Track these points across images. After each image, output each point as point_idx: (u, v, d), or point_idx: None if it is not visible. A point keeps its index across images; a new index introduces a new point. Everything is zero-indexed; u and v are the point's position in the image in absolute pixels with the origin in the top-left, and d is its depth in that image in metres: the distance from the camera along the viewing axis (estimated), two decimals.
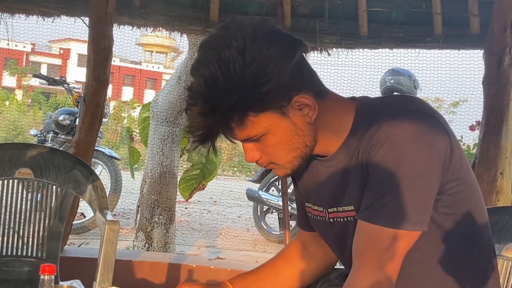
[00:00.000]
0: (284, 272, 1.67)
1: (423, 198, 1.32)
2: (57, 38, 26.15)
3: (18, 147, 2.69)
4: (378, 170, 1.32)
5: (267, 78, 1.28)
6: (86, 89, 3.62)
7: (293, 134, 1.36)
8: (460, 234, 1.40)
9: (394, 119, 1.33)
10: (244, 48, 1.28)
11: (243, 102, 1.29)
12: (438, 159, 1.31)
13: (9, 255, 2.60)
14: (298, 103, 1.33)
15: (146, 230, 5.13)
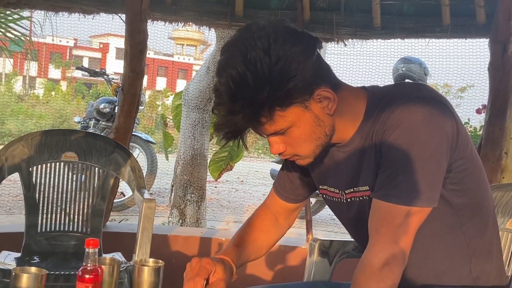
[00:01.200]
0: (261, 242, 1.68)
1: (433, 177, 1.31)
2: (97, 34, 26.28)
3: (64, 133, 2.72)
4: (391, 152, 1.32)
5: (292, 74, 1.27)
6: (123, 80, 3.64)
7: (315, 125, 1.36)
8: (466, 208, 1.40)
9: (405, 105, 1.33)
10: (269, 48, 1.27)
11: (271, 98, 1.28)
12: (446, 141, 1.31)
13: (57, 231, 2.65)
14: (319, 96, 1.33)
15: (179, 207, 5.17)
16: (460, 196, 1.38)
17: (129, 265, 2.30)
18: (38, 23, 5.53)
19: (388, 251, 1.32)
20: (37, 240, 2.59)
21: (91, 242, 1.58)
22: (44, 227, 2.63)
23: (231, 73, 1.28)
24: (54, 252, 2.59)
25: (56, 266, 2.33)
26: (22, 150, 2.57)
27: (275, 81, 1.27)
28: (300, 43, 1.32)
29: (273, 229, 1.70)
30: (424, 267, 1.43)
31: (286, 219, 1.70)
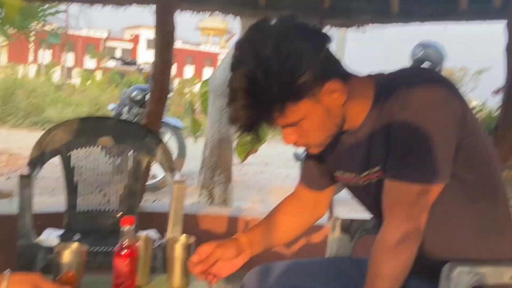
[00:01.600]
0: (285, 225, 1.66)
1: (442, 155, 1.31)
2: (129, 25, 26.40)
3: (100, 120, 2.76)
4: (401, 134, 1.32)
5: (302, 71, 1.27)
6: (153, 69, 3.65)
7: (326, 117, 1.36)
8: (477, 184, 1.39)
9: (411, 88, 1.32)
10: (279, 46, 1.26)
11: (283, 94, 1.28)
12: (453, 120, 1.31)
13: (96, 210, 2.68)
14: (329, 89, 1.32)
15: (208, 188, 5.20)
16: (470, 173, 1.37)
17: (162, 241, 2.33)
18: (74, 16, 5.57)
19: (402, 229, 1.33)
20: (77, 219, 2.64)
21: (127, 221, 1.60)
22: (84, 206, 2.66)
23: (243, 71, 1.28)
24: (94, 230, 2.62)
25: (96, 243, 2.36)
26: (61, 136, 2.61)
27: (285, 78, 1.26)
28: (310, 39, 1.31)
29: (299, 216, 1.68)
30: (439, 242, 1.41)
31: (315, 208, 1.68)
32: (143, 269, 1.67)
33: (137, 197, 2.77)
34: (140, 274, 1.65)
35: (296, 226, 1.68)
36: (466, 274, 1.30)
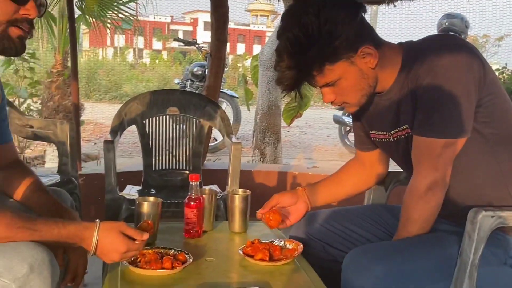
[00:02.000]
0: (347, 181, 1.67)
1: (464, 112, 1.28)
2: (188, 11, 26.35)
3: (167, 93, 2.79)
4: (426, 94, 1.30)
5: (338, 34, 1.26)
6: (211, 47, 3.66)
7: (360, 77, 1.34)
8: (497, 137, 1.35)
9: (435, 53, 1.29)
10: (318, 13, 1.25)
11: (321, 55, 1.28)
12: (474, 80, 1.27)
13: (167, 169, 2.73)
14: (363, 53, 1.31)
15: (260, 148, 5.23)
16: (491, 127, 1.33)
17: (223, 194, 2.36)
18: (142, 5, 5.61)
19: (430, 177, 1.32)
20: (152, 177, 2.69)
21: (194, 177, 1.63)
22: (157, 166, 2.71)
23: (288, 35, 1.28)
24: (166, 185, 2.67)
25: (168, 196, 2.40)
26: (136, 107, 2.65)
27: (324, 40, 1.26)
28: (345, 8, 1.29)
29: (356, 172, 1.67)
30: (464, 190, 1.39)
31: (372, 167, 1.65)
32: (208, 217, 1.70)
33: (201, 157, 2.80)
34: (205, 221, 1.68)
35: (355, 183, 1.67)
36: (489, 218, 1.27)
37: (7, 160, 1.49)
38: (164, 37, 27.27)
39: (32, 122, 2.49)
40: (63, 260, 1.30)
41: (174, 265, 1.32)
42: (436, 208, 1.35)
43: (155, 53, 22.39)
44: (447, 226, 1.44)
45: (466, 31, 4.77)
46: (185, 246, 1.53)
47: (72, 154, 2.45)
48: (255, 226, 1.76)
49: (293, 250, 1.47)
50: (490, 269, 1.33)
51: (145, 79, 14.06)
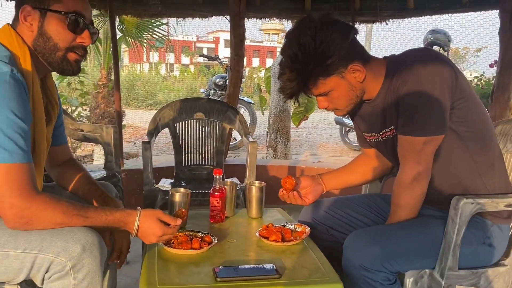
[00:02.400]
0: (356, 170, 1.66)
1: (439, 113, 1.27)
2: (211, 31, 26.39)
3: (194, 100, 2.79)
4: (405, 100, 1.29)
5: (330, 54, 1.26)
6: (230, 61, 3.66)
7: (349, 89, 1.34)
8: (469, 134, 1.34)
9: (411, 64, 1.29)
10: (315, 35, 1.26)
11: (315, 70, 1.28)
12: (447, 85, 1.27)
13: (195, 164, 2.74)
14: (352, 69, 1.31)
15: (273, 146, 5.22)
16: (464, 126, 1.33)
17: (242, 185, 2.37)
18: (172, 27, 5.64)
19: (414, 169, 1.31)
20: (182, 171, 2.70)
21: (217, 171, 1.63)
22: (186, 162, 2.72)
23: (289, 52, 1.29)
24: (194, 178, 2.68)
25: (196, 188, 2.42)
26: (169, 113, 2.67)
27: (318, 58, 1.26)
28: (339, 30, 1.29)
29: (366, 163, 1.65)
30: (444, 180, 1.38)
31: (379, 161, 1.63)
32: (230, 205, 1.70)
33: (223, 154, 2.80)
34: (228, 209, 1.68)
35: (364, 171, 1.65)
36: (470, 204, 1.26)
37: (63, 159, 1.51)
38: (191, 53, 27.36)
39: (82, 127, 2.52)
40: (109, 241, 1.32)
41: (201, 245, 1.33)
42: (421, 195, 1.34)
43: (183, 67, 22.46)
44: (430, 211, 1.42)
45: (448, 45, 4.71)
46: (211, 230, 1.54)
47: (116, 153, 2.47)
48: (269, 213, 1.76)
49: (301, 233, 1.47)
50: (471, 248, 1.32)
51: (175, 89, 14.11)
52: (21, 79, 1.12)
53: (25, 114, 1.10)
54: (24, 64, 1.19)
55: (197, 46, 31.56)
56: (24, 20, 1.22)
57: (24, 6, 1.22)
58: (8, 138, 1.06)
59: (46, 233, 1.11)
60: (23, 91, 1.12)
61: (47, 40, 1.23)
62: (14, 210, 1.08)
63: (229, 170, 2.85)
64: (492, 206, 1.28)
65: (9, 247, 1.10)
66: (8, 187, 1.07)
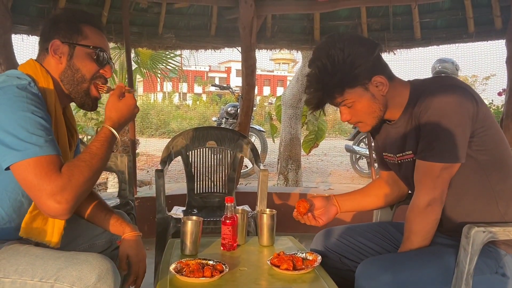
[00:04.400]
0: (370, 194, 1.64)
1: (459, 141, 1.27)
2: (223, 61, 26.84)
3: (206, 129, 2.82)
4: (426, 126, 1.30)
5: (357, 65, 1.30)
6: (242, 91, 3.71)
7: (372, 102, 1.36)
8: (489, 162, 1.33)
9: (435, 92, 1.30)
10: (344, 47, 1.30)
11: (342, 81, 1.32)
12: (467, 114, 1.27)
13: (207, 192, 2.74)
14: (375, 82, 1.33)
15: (284, 174, 5.20)
16: (483, 154, 1.32)
17: (253, 213, 2.35)
18: (186, 58, 5.77)
19: (429, 195, 1.30)
20: (194, 199, 2.70)
21: (229, 199, 1.64)
22: (198, 190, 2.72)
23: (317, 63, 1.33)
24: (206, 206, 2.68)
25: (208, 215, 2.42)
26: (181, 141, 2.69)
27: (346, 69, 1.30)
28: (365, 45, 1.33)
29: (381, 188, 1.64)
30: (458, 208, 1.36)
31: (395, 185, 1.61)
32: (241, 233, 1.69)
33: (235, 182, 2.80)
34: (239, 236, 1.67)
35: (378, 195, 1.63)
36: (481, 233, 1.24)
37: None
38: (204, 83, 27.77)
39: None
40: (126, 266, 1.32)
41: (213, 274, 1.33)
42: (435, 222, 1.33)
43: (196, 96, 22.72)
44: (443, 239, 1.40)
45: (456, 73, 4.73)
46: (222, 258, 1.53)
47: (130, 181, 2.50)
48: (280, 240, 1.75)
49: (313, 261, 1.45)
50: (483, 277, 1.29)
51: (188, 118, 14.22)
52: (38, 93, 1.20)
53: (45, 116, 1.17)
54: (47, 86, 1.26)
55: (209, 75, 32.04)
56: (54, 54, 1.30)
57: (54, 40, 1.30)
58: (34, 134, 1.11)
59: (62, 262, 1.12)
60: (40, 103, 1.18)
61: (75, 72, 1.32)
62: (57, 197, 1.09)
63: (241, 198, 2.85)
64: (504, 234, 1.26)
65: (26, 276, 1.10)
66: (43, 178, 1.09)
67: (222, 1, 3.58)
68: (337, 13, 3.78)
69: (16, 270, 1.11)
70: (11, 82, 1.17)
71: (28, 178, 1.10)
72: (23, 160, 1.09)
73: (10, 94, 1.14)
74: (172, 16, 3.77)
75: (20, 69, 1.27)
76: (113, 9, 3.58)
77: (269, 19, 3.79)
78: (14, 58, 2.94)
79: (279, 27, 3.87)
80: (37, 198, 1.11)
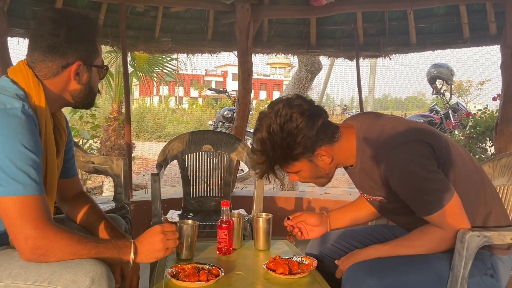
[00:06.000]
0: (362, 209, 1.63)
1: (440, 182, 1.27)
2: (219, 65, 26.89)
3: (203, 133, 2.81)
4: (404, 189, 1.29)
5: (296, 145, 1.30)
6: (238, 94, 3.71)
7: (317, 170, 1.39)
8: (464, 186, 1.33)
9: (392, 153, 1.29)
10: (283, 125, 1.30)
11: (282, 157, 1.34)
12: (428, 159, 1.27)
13: (203, 196, 2.73)
14: (319, 155, 1.35)
15: (280, 177, 5.18)
16: (457, 182, 1.31)
17: (249, 217, 2.35)
18: (182, 62, 5.78)
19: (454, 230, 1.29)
20: (190, 203, 2.69)
21: (225, 203, 1.64)
22: (194, 194, 2.71)
23: (258, 136, 1.34)
24: (202, 210, 2.67)
25: (203, 219, 2.41)
26: (178, 145, 2.69)
27: (285, 148, 1.31)
28: (307, 120, 1.31)
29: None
30: None
31: None
32: (237, 237, 1.70)
33: (231, 186, 2.79)
34: (235, 240, 1.68)
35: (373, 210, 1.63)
36: (476, 237, 1.25)
37: (74, 192, 1.53)
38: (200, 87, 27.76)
39: (93, 159, 2.55)
40: (119, 277, 1.31)
41: (209, 278, 1.32)
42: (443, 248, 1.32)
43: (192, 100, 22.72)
44: None
45: (451, 78, 4.76)
46: (218, 262, 1.53)
47: (125, 185, 2.49)
48: (276, 244, 1.75)
49: (308, 265, 1.46)
50: (474, 280, 1.30)
51: (184, 121, 14.22)
52: (32, 114, 1.16)
53: (36, 147, 1.13)
54: (38, 102, 1.23)
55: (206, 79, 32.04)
56: (75, 76, 1.28)
57: (78, 62, 1.27)
58: (21, 171, 1.08)
59: (56, 265, 1.11)
60: (33, 125, 1.15)
61: (91, 90, 1.34)
62: (29, 242, 1.09)
63: (237, 202, 2.84)
64: (498, 239, 1.27)
65: (20, 279, 1.10)
66: (23, 220, 1.08)
67: (219, 5, 3.59)
68: (333, 18, 3.79)
69: (10, 274, 1.11)
70: (5, 104, 1.13)
71: (11, 215, 1.08)
72: (5, 196, 1.08)
73: (3, 121, 1.10)
74: (168, 20, 3.78)
75: (11, 76, 1.23)
76: (110, 12, 3.58)
77: (265, 23, 3.80)
78: (10, 61, 2.94)
79: (276, 31, 3.89)
80: (14, 234, 1.10)
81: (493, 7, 3.38)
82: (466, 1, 3.43)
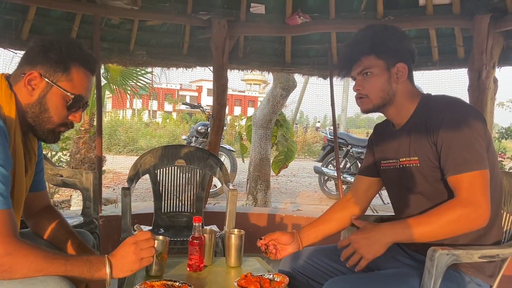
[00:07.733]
0: (332, 218, 1.64)
1: (483, 151, 1.29)
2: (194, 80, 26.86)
3: (176, 147, 2.79)
4: (452, 138, 1.29)
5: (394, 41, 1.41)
6: (213, 110, 3.70)
7: (386, 82, 1.41)
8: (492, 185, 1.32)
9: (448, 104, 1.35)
10: (392, 27, 1.45)
11: (378, 45, 1.41)
12: (482, 130, 1.31)
13: (174, 211, 2.70)
14: (398, 68, 1.41)
15: (253, 194, 5.19)
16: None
17: (221, 233, 2.33)
18: (157, 75, 5.74)
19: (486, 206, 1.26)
20: (161, 218, 2.65)
21: (197, 219, 1.62)
22: (166, 209, 2.68)
23: (362, 28, 1.46)
24: (173, 225, 2.63)
25: (174, 235, 2.37)
26: (150, 159, 2.65)
27: (383, 37, 1.41)
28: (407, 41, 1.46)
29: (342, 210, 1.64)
30: None
31: (365, 193, 1.63)
32: (208, 253, 1.67)
33: (203, 201, 2.77)
34: (206, 257, 1.66)
35: (340, 218, 1.63)
36: (445, 255, 1.27)
37: (40, 206, 1.48)
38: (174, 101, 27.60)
39: (62, 172, 2.48)
40: None
41: None
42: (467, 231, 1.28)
43: (166, 114, 22.52)
44: (409, 261, 1.42)
45: None
46: (188, 279, 1.50)
47: (95, 199, 2.43)
48: (248, 261, 1.73)
49: (280, 283, 1.44)
50: None
51: (157, 135, 14.08)
52: (2, 125, 1.12)
53: (5, 160, 1.09)
54: (8, 112, 1.19)
55: (180, 94, 31.89)
56: (27, 84, 1.21)
57: (33, 72, 1.20)
58: None
59: (18, 283, 1.06)
60: (4, 138, 1.11)
61: (44, 111, 1.23)
62: None
63: (209, 217, 2.81)
64: (466, 257, 1.29)
65: None
66: None
67: (195, 21, 3.60)
68: (308, 37, 3.86)
69: None
70: None
71: None
72: None
73: None
74: (144, 33, 3.76)
75: None
76: (84, 24, 3.54)
77: (241, 40, 3.84)
78: None
79: (251, 48, 3.93)
80: None
81: (461, 32, 3.53)
82: (436, 25, 3.57)
